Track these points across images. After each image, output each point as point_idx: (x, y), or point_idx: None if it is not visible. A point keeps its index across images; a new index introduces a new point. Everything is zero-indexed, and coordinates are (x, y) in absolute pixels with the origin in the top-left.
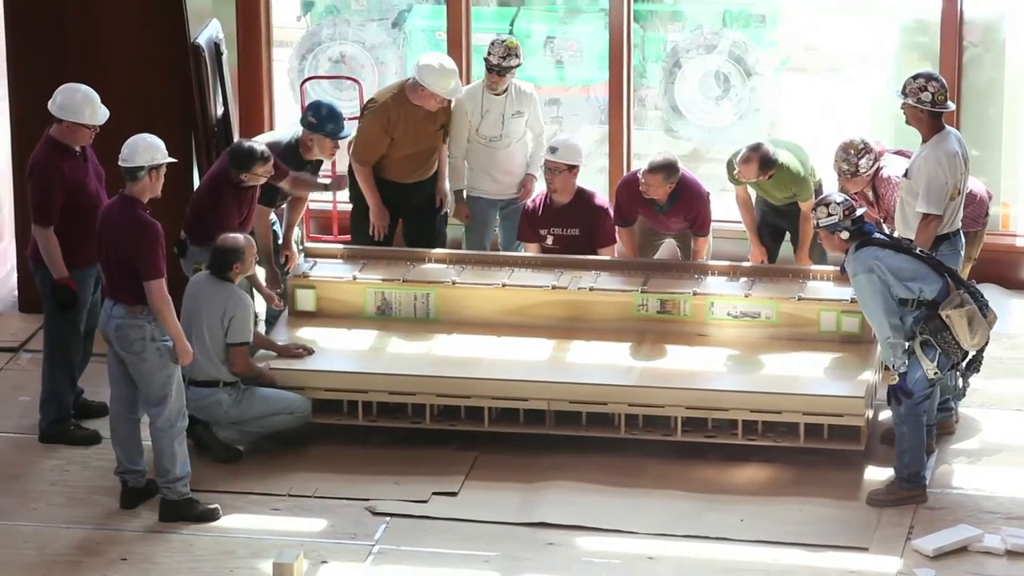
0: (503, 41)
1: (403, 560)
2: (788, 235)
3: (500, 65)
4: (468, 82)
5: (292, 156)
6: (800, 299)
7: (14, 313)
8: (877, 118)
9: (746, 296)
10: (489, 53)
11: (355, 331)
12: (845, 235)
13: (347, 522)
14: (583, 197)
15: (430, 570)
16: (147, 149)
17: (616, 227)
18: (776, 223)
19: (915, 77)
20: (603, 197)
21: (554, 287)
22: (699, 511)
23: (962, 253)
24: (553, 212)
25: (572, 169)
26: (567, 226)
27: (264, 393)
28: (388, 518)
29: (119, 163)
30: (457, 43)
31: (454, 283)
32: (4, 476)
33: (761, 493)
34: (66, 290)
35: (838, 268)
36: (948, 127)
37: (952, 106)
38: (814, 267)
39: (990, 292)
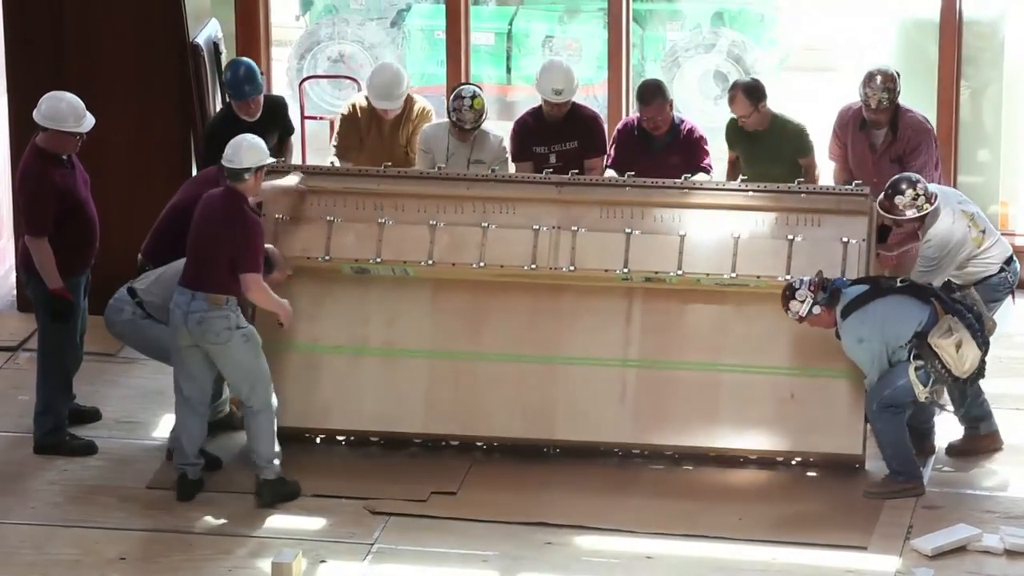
0: (471, 104)
1: (402, 559)
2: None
3: (475, 126)
4: (467, 78)
5: (224, 123)
6: (785, 280)
7: (13, 312)
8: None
9: (735, 276)
10: (459, 118)
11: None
12: (819, 309)
13: (346, 521)
14: (574, 107)
15: (429, 569)
16: (251, 150)
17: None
18: None
19: (892, 195)
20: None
21: (535, 267)
22: (698, 510)
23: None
24: (548, 128)
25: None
26: (566, 140)
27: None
28: (387, 517)
29: (222, 163)
30: (456, 42)
31: (433, 263)
32: (2, 475)
33: (759, 492)
34: (62, 300)
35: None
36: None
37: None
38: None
39: None
